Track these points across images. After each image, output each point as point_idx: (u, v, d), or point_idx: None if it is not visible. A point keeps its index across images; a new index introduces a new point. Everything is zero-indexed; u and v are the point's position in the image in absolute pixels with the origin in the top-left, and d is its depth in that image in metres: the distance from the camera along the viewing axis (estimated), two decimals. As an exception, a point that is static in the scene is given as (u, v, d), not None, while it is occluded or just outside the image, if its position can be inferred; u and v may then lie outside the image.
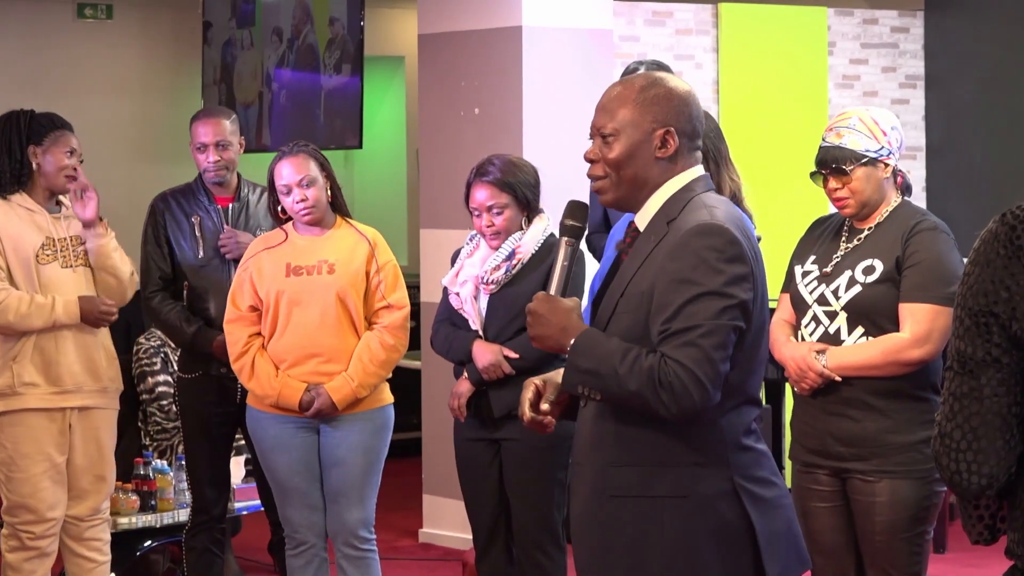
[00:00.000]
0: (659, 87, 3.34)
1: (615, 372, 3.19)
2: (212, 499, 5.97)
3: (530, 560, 5.40)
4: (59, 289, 5.62)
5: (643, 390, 3.17)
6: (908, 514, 4.45)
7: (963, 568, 7.22)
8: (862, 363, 4.43)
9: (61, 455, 5.66)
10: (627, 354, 3.20)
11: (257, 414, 5.53)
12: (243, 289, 5.49)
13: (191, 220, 5.91)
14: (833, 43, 9.24)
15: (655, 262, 3.26)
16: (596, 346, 3.25)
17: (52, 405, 5.63)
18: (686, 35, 8.81)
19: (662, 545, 3.26)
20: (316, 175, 5.43)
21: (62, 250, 5.66)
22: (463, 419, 5.43)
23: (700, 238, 3.21)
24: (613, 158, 3.33)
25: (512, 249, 5.34)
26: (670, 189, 3.34)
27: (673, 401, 3.16)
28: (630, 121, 3.31)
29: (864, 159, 4.50)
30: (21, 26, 9.99)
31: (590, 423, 3.36)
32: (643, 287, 3.25)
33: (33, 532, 5.63)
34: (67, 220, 5.71)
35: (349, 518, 5.48)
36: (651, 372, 3.16)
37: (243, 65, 9.88)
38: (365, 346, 5.42)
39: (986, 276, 2.55)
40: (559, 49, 7.58)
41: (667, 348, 3.18)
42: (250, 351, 5.47)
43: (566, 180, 6.90)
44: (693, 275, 3.19)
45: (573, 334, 3.28)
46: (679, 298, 3.18)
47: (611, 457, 3.31)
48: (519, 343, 5.31)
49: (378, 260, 5.47)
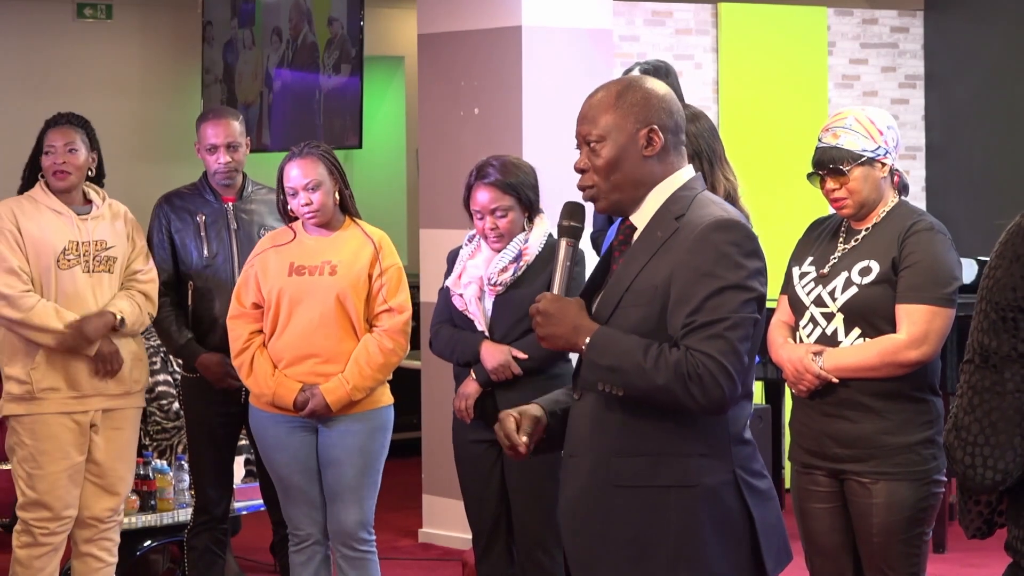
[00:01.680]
0: (636, 89, 3.38)
1: (640, 367, 3.22)
2: (215, 499, 5.98)
3: (532, 560, 5.40)
4: (77, 296, 5.60)
5: (672, 384, 3.20)
6: (905, 515, 4.45)
7: (963, 568, 7.22)
8: (858, 364, 4.43)
9: (80, 455, 5.66)
10: (649, 349, 3.23)
11: (258, 413, 5.54)
12: (248, 286, 5.51)
13: (196, 219, 5.91)
14: (833, 43, 9.24)
15: (669, 257, 3.28)
16: (614, 343, 3.27)
17: (72, 409, 5.63)
18: (686, 35, 8.81)
19: (668, 535, 3.30)
20: (324, 178, 5.43)
21: (85, 254, 5.64)
22: (470, 421, 5.41)
23: (720, 233, 3.26)
24: (602, 164, 3.36)
25: (519, 250, 5.33)
26: (669, 187, 3.38)
27: (703, 394, 3.20)
28: (613, 125, 3.35)
29: (861, 159, 4.50)
30: (21, 26, 9.99)
31: (588, 416, 3.38)
32: (656, 281, 3.28)
33: (48, 528, 5.64)
34: (95, 221, 5.68)
35: (347, 519, 5.49)
36: (679, 366, 3.19)
37: (244, 65, 9.88)
38: (363, 349, 5.42)
39: (1015, 271, 2.55)
40: (559, 49, 7.58)
41: (693, 341, 3.21)
42: (250, 348, 5.48)
43: (566, 180, 6.86)
44: (715, 269, 3.23)
45: (586, 332, 3.31)
46: (702, 291, 3.22)
47: (616, 447, 3.33)
48: (527, 344, 5.30)
49: (382, 263, 5.46)
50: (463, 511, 5.69)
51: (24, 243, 5.56)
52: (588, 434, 3.38)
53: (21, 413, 5.61)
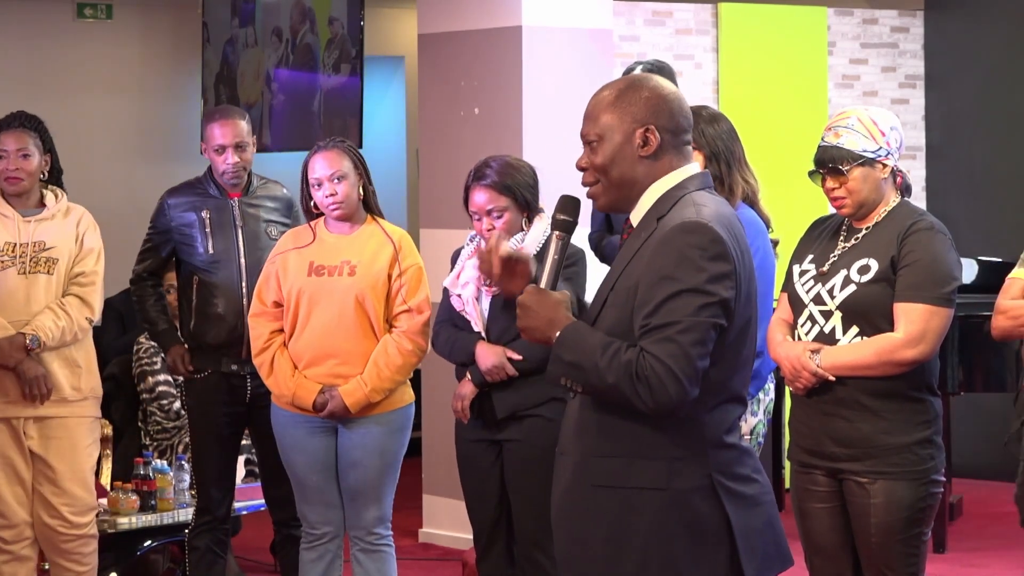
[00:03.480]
0: (638, 88, 3.40)
1: (595, 365, 3.27)
2: (217, 499, 5.96)
3: (531, 560, 5.40)
4: (9, 297, 5.55)
5: (621, 383, 3.24)
6: (904, 515, 4.45)
7: (963, 568, 7.22)
8: (856, 363, 4.43)
9: (21, 459, 5.61)
10: (608, 348, 3.27)
11: (279, 412, 5.55)
12: (268, 285, 5.52)
13: (201, 215, 5.89)
14: (833, 43, 9.24)
15: (642, 258, 3.32)
16: (580, 339, 3.32)
17: (2, 415, 5.58)
18: (686, 35, 8.82)
19: (638, 536, 3.32)
20: (348, 171, 5.44)
21: (21, 256, 5.60)
22: (467, 421, 5.42)
23: (684, 235, 3.27)
24: (600, 163, 3.40)
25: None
26: (662, 186, 3.39)
27: (649, 395, 3.23)
28: (610, 124, 3.39)
29: (861, 159, 4.50)
30: (21, 26, 9.99)
31: (576, 414, 3.43)
32: (630, 283, 3.33)
33: (3, 537, 5.62)
34: (40, 223, 5.64)
35: (366, 515, 5.52)
36: (629, 366, 3.24)
37: (246, 64, 9.88)
38: (382, 350, 5.43)
39: None
40: (559, 49, 7.58)
41: (646, 343, 3.25)
42: (271, 348, 5.49)
43: (566, 180, 6.86)
44: (675, 272, 3.25)
45: (559, 326, 3.35)
46: (660, 294, 3.25)
47: (594, 447, 3.38)
48: (522, 345, 5.30)
49: (401, 264, 5.46)
50: (463, 511, 5.69)
51: None
52: (573, 433, 3.43)
53: None
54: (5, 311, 5.55)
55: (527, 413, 5.34)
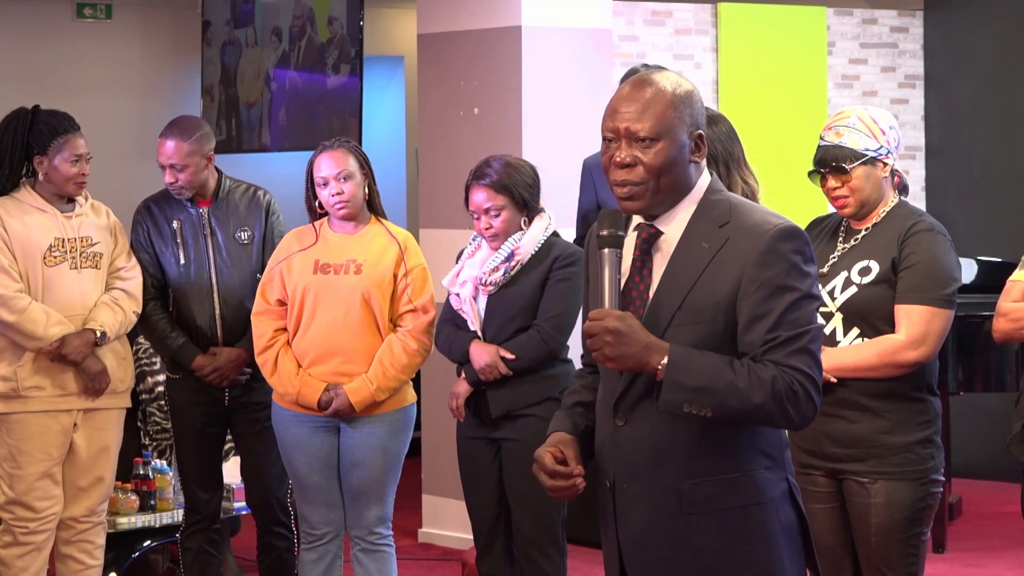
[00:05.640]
0: (683, 86, 3.26)
1: (733, 386, 3.11)
2: (204, 499, 5.95)
3: (529, 561, 5.40)
4: (63, 293, 5.59)
5: (768, 402, 3.12)
6: (903, 515, 4.45)
7: (963, 568, 7.22)
8: (857, 364, 4.43)
9: (61, 454, 5.65)
10: (735, 367, 3.13)
11: (281, 411, 5.56)
12: (273, 283, 5.53)
13: (172, 226, 5.85)
14: (832, 43, 9.24)
15: (725, 271, 3.18)
16: (696, 363, 3.14)
17: (56, 408, 5.62)
18: (685, 35, 8.82)
19: (748, 555, 3.24)
20: (354, 170, 5.45)
21: (71, 251, 5.64)
22: (462, 419, 5.46)
23: (786, 242, 3.17)
24: (656, 164, 3.19)
25: (511, 251, 5.35)
26: (697, 193, 3.27)
27: (797, 410, 3.14)
28: (671, 124, 3.20)
29: (864, 158, 4.50)
30: (21, 26, 9.99)
31: (644, 444, 3.25)
32: (717, 298, 3.18)
33: (28, 527, 5.63)
34: (79, 219, 5.67)
35: (368, 515, 5.54)
36: (774, 383, 3.12)
37: (247, 64, 9.87)
38: (387, 349, 5.43)
39: None
40: (559, 49, 7.58)
41: (780, 356, 3.14)
42: (275, 346, 5.50)
43: (566, 180, 6.90)
44: (787, 280, 3.16)
45: (659, 351, 3.14)
46: (780, 305, 3.15)
47: (682, 473, 3.22)
48: (516, 344, 5.33)
49: (407, 263, 5.47)
50: (463, 511, 5.70)
51: (10, 241, 5.55)
52: (647, 463, 3.24)
53: (4, 412, 5.59)
54: (62, 306, 5.59)
55: (522, 413, 5.35)
